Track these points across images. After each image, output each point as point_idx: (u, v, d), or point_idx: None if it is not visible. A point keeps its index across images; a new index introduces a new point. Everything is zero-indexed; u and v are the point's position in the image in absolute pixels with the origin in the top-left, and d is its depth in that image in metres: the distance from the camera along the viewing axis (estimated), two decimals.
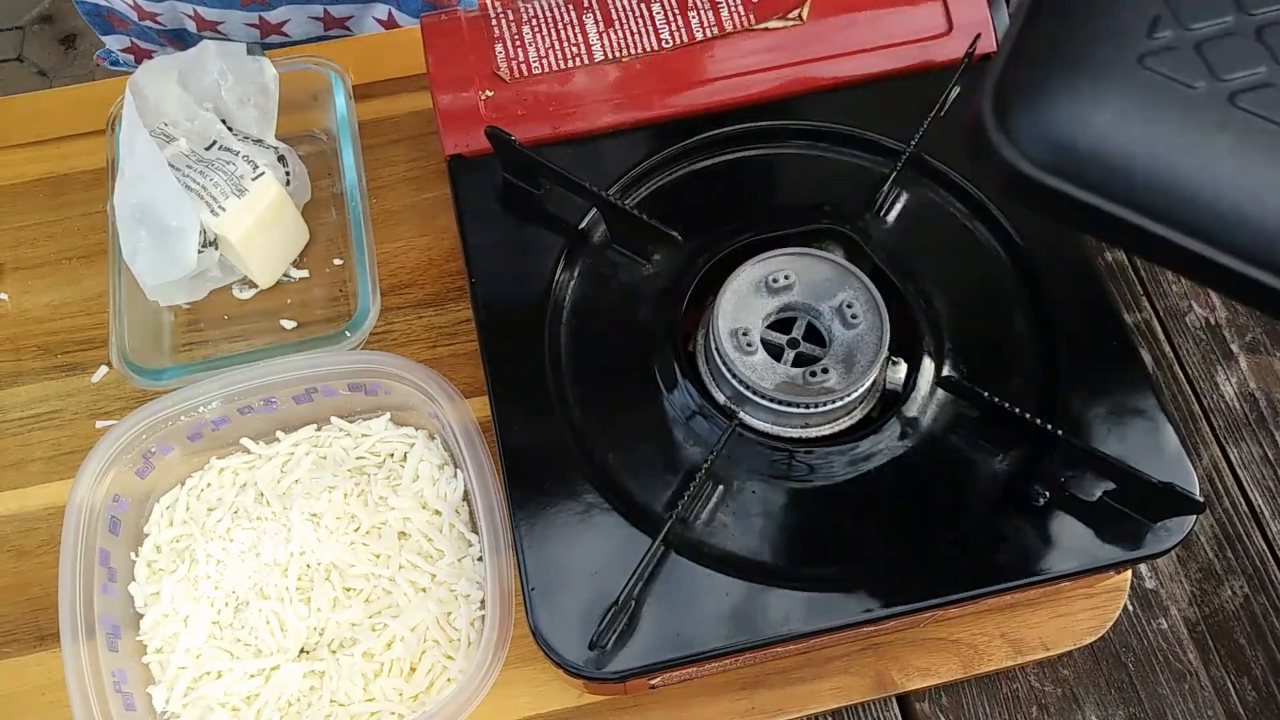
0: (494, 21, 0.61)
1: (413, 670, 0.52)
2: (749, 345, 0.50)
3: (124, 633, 0.53)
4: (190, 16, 0.79)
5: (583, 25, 0.60)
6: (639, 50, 0.60)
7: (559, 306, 0.54)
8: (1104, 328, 0.52)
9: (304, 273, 0.64)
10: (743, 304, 0.51)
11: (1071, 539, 0.47)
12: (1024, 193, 0.27)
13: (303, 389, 0.56)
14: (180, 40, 0.83)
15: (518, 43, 0.60)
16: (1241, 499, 0.62)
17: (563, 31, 0.60)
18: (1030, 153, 0.27)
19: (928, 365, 0.51)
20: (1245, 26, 0.27)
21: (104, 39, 0.87)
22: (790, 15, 0.60)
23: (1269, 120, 0.26)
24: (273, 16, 0.78)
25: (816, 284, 0.52)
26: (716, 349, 0.50)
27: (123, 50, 0.87)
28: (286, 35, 0.80)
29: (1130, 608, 0.58)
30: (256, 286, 0.64)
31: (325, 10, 0.79)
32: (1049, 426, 0.47)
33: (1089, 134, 0.26)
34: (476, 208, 0.57)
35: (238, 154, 0.60)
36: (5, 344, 0.64)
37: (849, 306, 0.50)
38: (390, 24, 0.82)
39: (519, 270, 0.55)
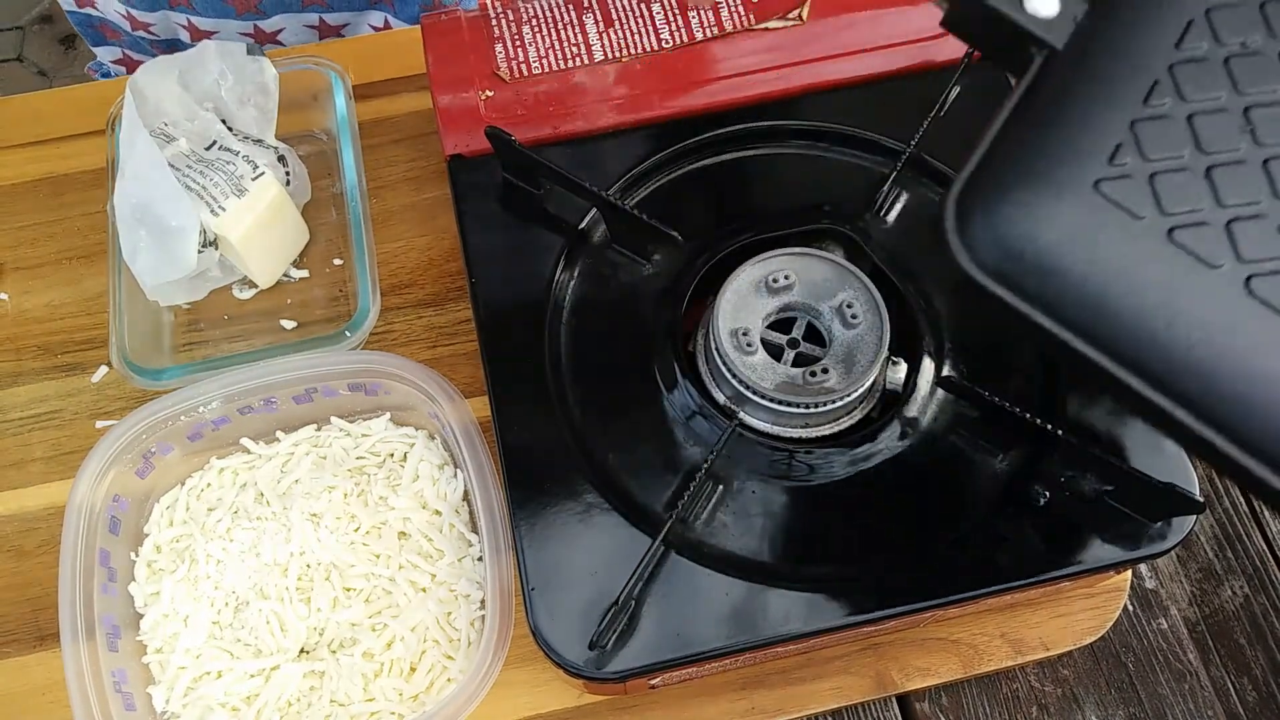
0: (494, 21, 0.61)
1: (413, 670, 0.52)
2: (749, 345, 0.50)
3: (124, 633, 0.53)
4: (184, 26, 0.78)
5: (583, 25, 0.60)
6: (639, 50, 0.60)
7: (559, 306, 0.54)
8: None
9: (304, 273, 0.64)
10: (743, 304, 0.51)
11: (1071, 539, 0.47)
12: (972, 292, 0.29)
13: (303, 389, 0.56)
14: (173, 51, 0.83)
15: (518, 43, 0.60)
16: (1241, 499, 0.62)
17: (563, 31, 0.60)
18: (980, 257, 0.29)
19: (928, 365, 0.51)
20: (1199, 164, 0.29)
21: (95, 50, 0.87)
22: (790, 15, 0.60)
23: (1197, 257, 0.28)
24: (267, 25, 0.78)
25: (816, 284, 0.52)
26: (716, 349, 0.50)
27: (114, 61, 0.87)
28: (281, 44, 0.80)
29: (1130, 608, 0.58)
30: (256, 286, 0.64)
31: (320, 18, 0.79)
32: (1049, 426, 0.47)
33: (1034, 249, 0.28)
34: (476, 208, 0.57)
35: (238, 154, 0.60)
36: (5, 344, 0.64)
37: (849, 306, 0.50)
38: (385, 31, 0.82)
39: (519, 270, 0.55)
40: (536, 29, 0.60)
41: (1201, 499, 0.46)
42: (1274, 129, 0.30)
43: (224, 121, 0.63)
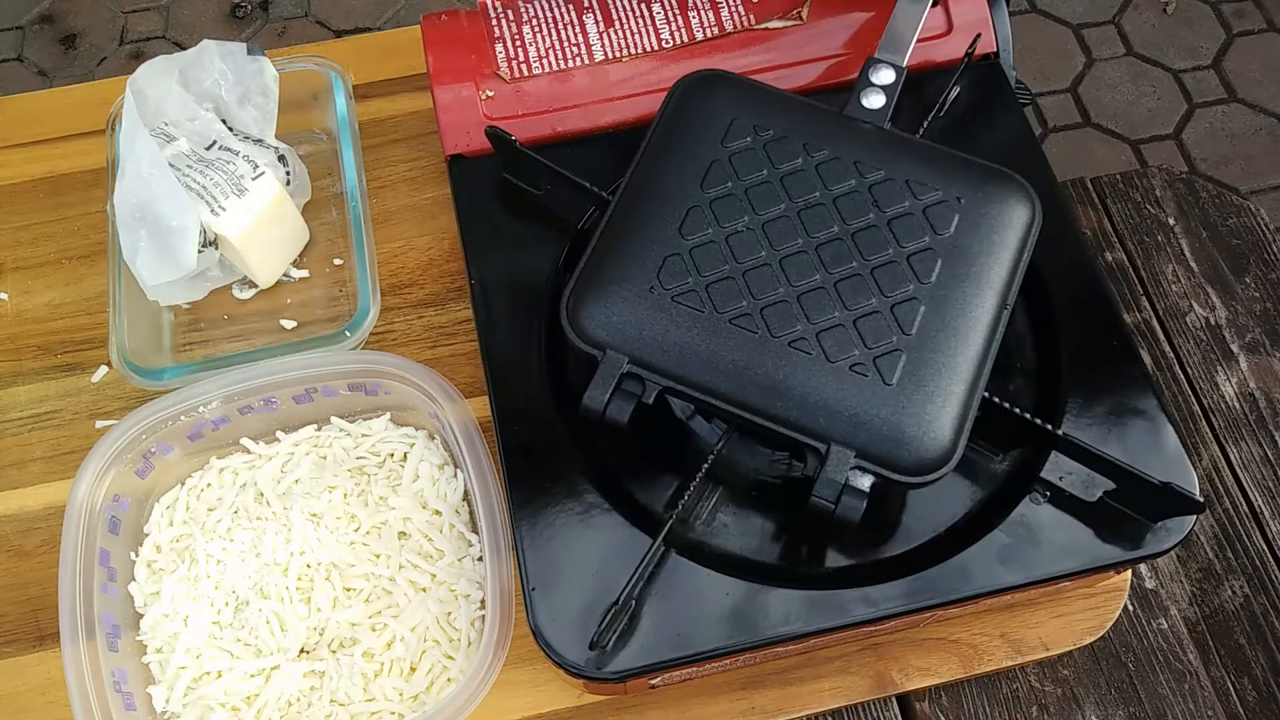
0: (494, 21, 0.61)
1: (413, 670, 0.52)
2: None
3: (124, 633, 0.53)
4: None
5: (583, 25, 0.60)
6: (639, 50, 0.60)
7: (559, 306, 0.54)
8: (1104, 328, 0.52)
9: (304, 273, 0.64)
10: None
11: (1071, 539, 0.47)
12: (574, 345, 0.47)
13: (303, 389, 0.56)
14: None
15: (518, 42, 0.60)
16: (1241, 499, 0.62)
17: (563, 31, 0.60)
18: (575, 325, 0.47)
19: None
20: (699, 285, 0.47)
21: None
22: (790, 15, 0.60)
23: (691, 308, 0.47)
24: None
25: None
26: None
27: None
28: None
29: (1130, 608, 0.58)
30: (256, 286, 0.64)
31: None
32: (1049, 426, 0.47)
33: (609, 324, 0.47)
34: (476, 208, 0.57)
35: (238, 154, 0.60)
36: (5, 344, 0.64)
37: None
38: None
39: (519, 270, 0.55)
40: (536, 29, 0.60)
41: (1201, 499, 0.46)
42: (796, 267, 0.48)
43: (224, 121, 0.63)
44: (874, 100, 0.53)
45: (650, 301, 0.47)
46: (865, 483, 0.44)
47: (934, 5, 0.57)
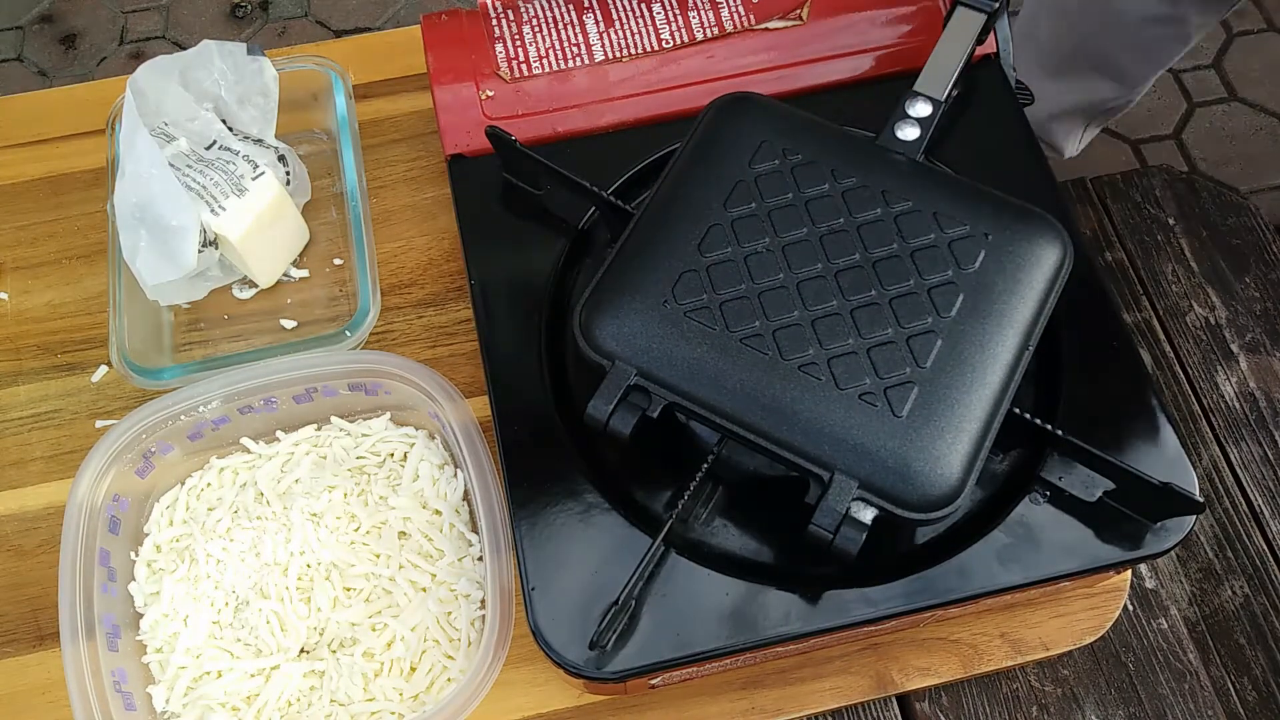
0: (494, 21, 0.61)
1: (413, 670, 0.52)
2: None
3: (124, 632, 0.53)
4: None
5: (583, 25, 0.60)
6: (639, 50, 0.60)
7: (559, 306, 0.54)
8: (1104, 328, 0.52)
9: (304, 273, 0.64)
10: None
11: (1071, 539, 0.47)
12: (584, 354, 0.47)
13: (303, 389, 0.56)
14: None
15: (518, 42, 0.60)
16: (1241, 499, 0.62)
17: (563, 31, 0.60)
18: (586, 335, 0.47)
19: None
20: (713, 302, 0.47)
21: None
22: (791, 15, 0.60)
23: (703, 325, 0.46)
24: None
25: None
26: None
27: None
28: None
29: (1130, 608, 0.58)
30: (256, 286, 0.64)
31: None
32: (1049, 426, 0.47)
33: (618, 336, 0.47)
34: (476, 208, 0.57)
35: (238, 154, 0.60)
36: (5, 344, 0.64)
37: None
38: None
39: (519, 270, 0.55)
40: (537, 29, 0.60)
41: (1201, 499, 0.46)
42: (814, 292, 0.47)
43: (224, 121, 0.63)
44: (908, 132, 0.53)
45: (662, 315, 0.47)
46: (867, 515, 0.43)
47: (979, 44, 0.57)
